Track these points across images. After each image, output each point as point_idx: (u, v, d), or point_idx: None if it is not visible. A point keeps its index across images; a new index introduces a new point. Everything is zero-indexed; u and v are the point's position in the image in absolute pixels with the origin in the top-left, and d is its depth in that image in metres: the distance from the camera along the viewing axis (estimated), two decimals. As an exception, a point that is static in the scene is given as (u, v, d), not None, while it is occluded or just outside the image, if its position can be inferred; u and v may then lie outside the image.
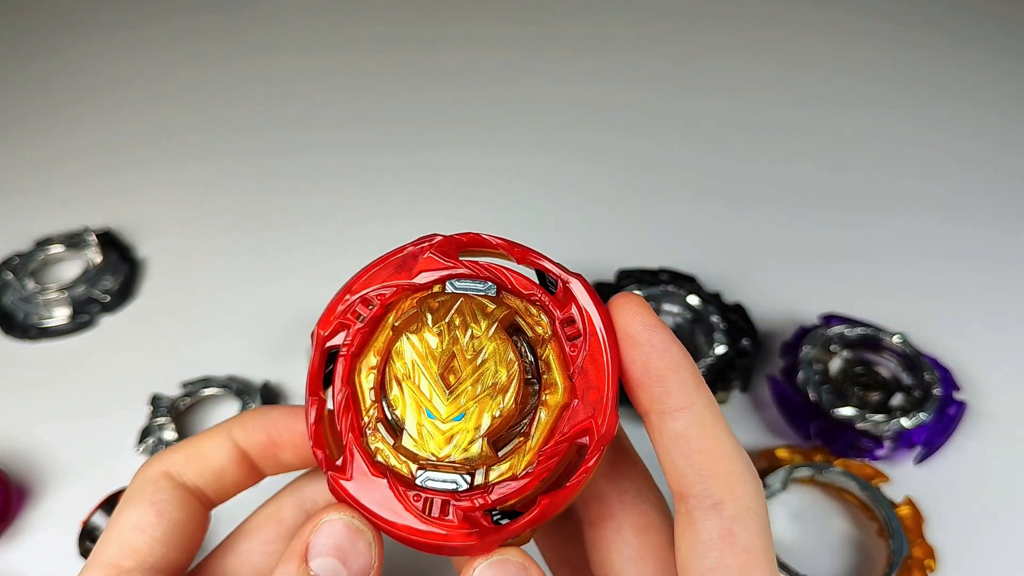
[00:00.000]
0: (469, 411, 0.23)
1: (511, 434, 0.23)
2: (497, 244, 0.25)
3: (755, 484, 0.22)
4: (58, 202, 0.67)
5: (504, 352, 0.23)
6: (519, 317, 0.24)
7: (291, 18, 0.90)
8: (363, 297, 0.25)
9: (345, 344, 0.25)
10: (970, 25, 0.86)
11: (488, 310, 0.23)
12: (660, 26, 0.87)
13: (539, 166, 0.69)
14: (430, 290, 0.25)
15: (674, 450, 0.22)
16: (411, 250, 0.25)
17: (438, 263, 0.25)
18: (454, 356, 0.23)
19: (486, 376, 0.23)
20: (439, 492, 0.23)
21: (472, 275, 0.25)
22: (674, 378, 0.22)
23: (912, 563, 0.41)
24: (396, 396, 0.23)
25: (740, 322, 0.52)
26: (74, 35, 0.88)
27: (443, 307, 0.24)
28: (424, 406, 0.23)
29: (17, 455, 0.49)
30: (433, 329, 0.23)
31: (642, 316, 0.23)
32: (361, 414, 0.24)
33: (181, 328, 0.57)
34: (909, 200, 0.66)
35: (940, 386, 0.48)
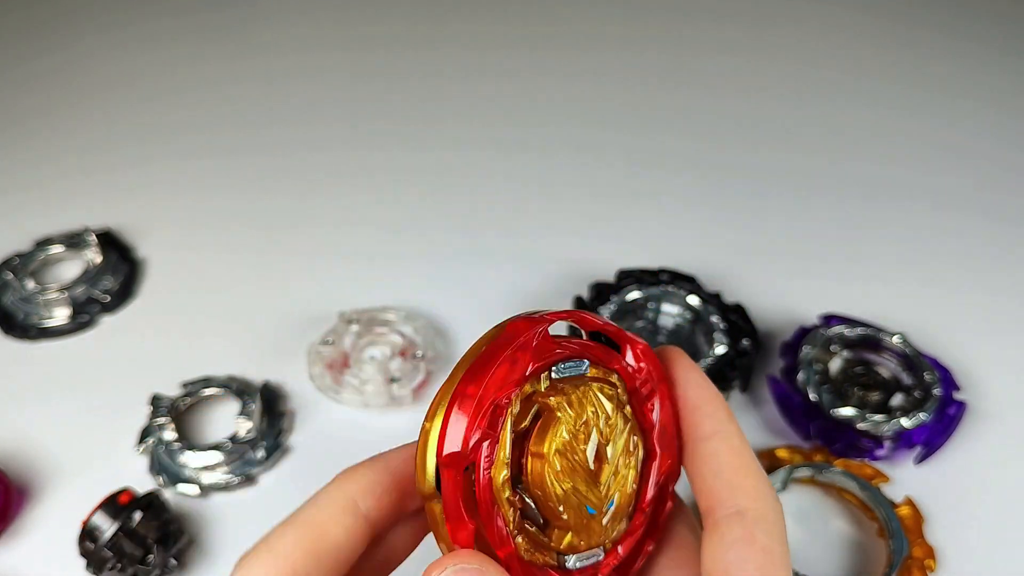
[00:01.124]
0: (615, 496, 0.24)
1: None
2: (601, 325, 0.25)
3: (773, 500, 0.24)
4: (58, 202, 0.67)
5: (630, 433, 0.25)
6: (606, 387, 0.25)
7: (291, 17, 0.90)
8: (496, 403, 0.22)
9: (485, 459, 0.22)
10: (971, 24, 0.86)
11: (608, 393, 0.24)
12: (660, 26, 0.87)
13: (539, 166, 0.69)
14: (537, 379, 0.24)
15: (705, 468, 0.25)
16: (503, 339, 0.23)
17: (543, 350, 0.23)
18: (597, 451, 0.24)
19: (622, 459, 0.24)
20: (586, 569, 0.24)
21: (567, 356, 0.24)
22: (710, 407, 0.26)
23: (912, 563, 0.41)
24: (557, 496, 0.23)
25: (740, 322, 0.52)
26: (74, 34, 0.88)
27: (575, 401, 0.23)
28: (583, 504, 0.24)
29: (17, 455, 0.49)
30: (575, 427, 0.23)
31: (683, 359, 0.27)
32: (508, 522, 0.23)
33: (181, 328, 0.57)
34: (909, 200, 0.66)
35: (940, 386, 0.48)
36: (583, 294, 0.55)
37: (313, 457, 0.49)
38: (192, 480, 0.47)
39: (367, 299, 0.56)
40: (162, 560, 0.42)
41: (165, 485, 0.47)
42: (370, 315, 0.54)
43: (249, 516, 0.46)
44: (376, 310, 0.54)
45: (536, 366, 0.23)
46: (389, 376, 0.50)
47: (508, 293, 0.58)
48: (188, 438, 0.49)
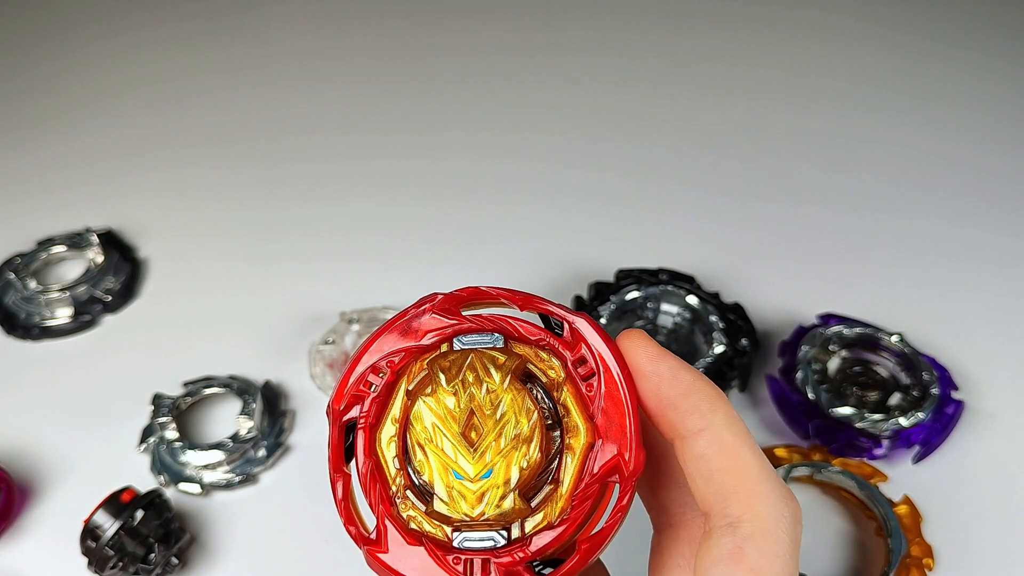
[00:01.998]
0: (496, 466, 0.23)
1: (540, 483, 0.23)
2: (498, 294, 0.25)
3: (782, 507, 0.22)
4: (60, 202, 0.67)
5: (522, 402, 0.23)
6: (531, 364, 0.24)
7: (294, 25, 0.91)
8: (373, 366, 0.25)
9: (362, 416, 0.24)
10: (967, 29, 0.86)
11: (500, 362, 0.23)
12: (660, 30, 0.87)
13: (539, 167, 0.69)
14: (438, 350, 0.25)
15: (696, 472, 0.22)
16: (413, 312, 0.25)
17: (442, 322, 0.25)
18: (473, 413, 0.23)
19: (508, 428, 0.23)
20: (478, 551, 0.23)
21: (477, 328, 0.25)
22: (687, 403, 0.22)
23: (910, 561, 0.42)
24: (421, 461, 0.23)
25: (739, 322, 0.52)
26: (78, 40, 0.88)
27: (454, 365, 0.24)
28: (451, 467, 0.23)
29: (19, 454, 0.49)
30: (448, 389, 0.23)
31: (646, 348, 0.23)
32: (388, 484, 0.24)
33: (183, 328, 0.57)
34: (907, 201, 0.66)
35: (938, 385, 0.49)
36: (583, 294, 0.55)
37: (314, 456, 0.49)
38: (194, 479, 0.47)
39: (368, 299, 0.56)
40: (164, 559, 0.42)
41: (167, 484, 0.47)
42: (371, 314, 0.54)
43: (250, 515, 0.46)
44: (377, 309, 0.54)
45: (436, 337, 0.24)
46: (389, 375, 0.50)
47: (508, 293, 0.58)
48: (189, 437, 0.50)
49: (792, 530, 0.22)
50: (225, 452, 0.48)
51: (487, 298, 0.25)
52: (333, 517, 0.45)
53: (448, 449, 0.23)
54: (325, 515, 0.46)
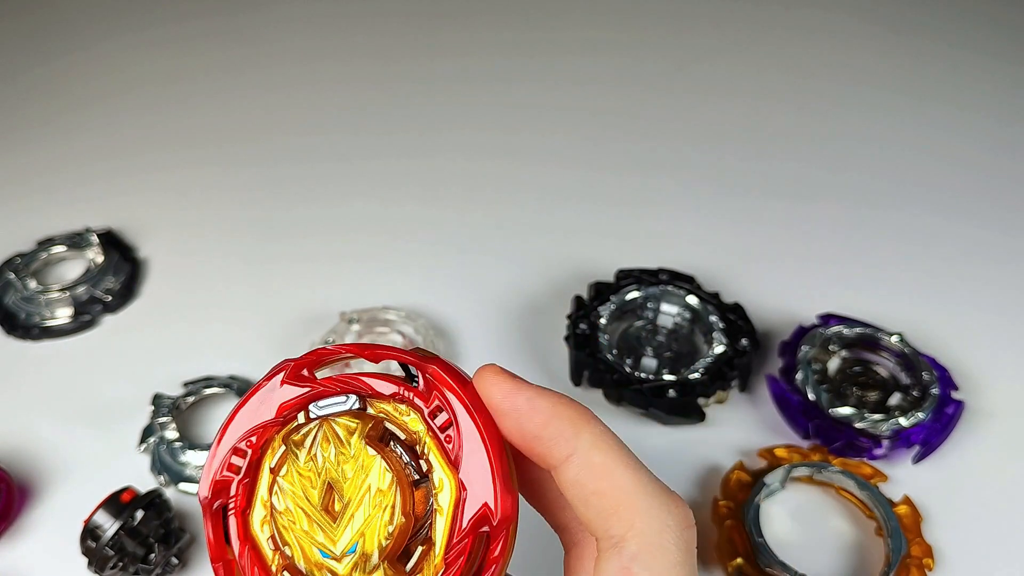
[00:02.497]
0: (363, 538, 0.22)
1: (413, 546, 0.22)
2: (347, 350, 0.24)
3: (665, 517, 0.21)
4: (60, 202, 0.67)
5: (380, 466, 0.22)
6: (388, 422, 0.23)
7: (294, 26, 0.91)
8: (234, 448, 0.24)
9: (231, 500, 0.23)
10: (966, 29, 0.86)
11: (352, 427, 0.22)
12: (659, 31, 0.87)
13: (539, 167, 0.70)
14: (295, 421, 0.24)
15: (574, 499, 0.22)
16: (265, 384, 0.24)
17: (295, 391, 0.24)
18: (331, 486, 0.22)
19: (368, 497, 0.22)
20: None
21: (332, 392, 0.24)
22: (549, 432, 0.22)
23: (910, 561, 0.42)
24: (288, 543, 0.22)
25: (739, 322, 0.52)
26: (78, 40, 0.88)
27: (307, 437, 0.23)
28: (315, 546, 0.22)
29: (19, 454, 0.49)
30: (304, 466, 0.22)
31: (500, 384, 0.22)
32: (268, 566, 0.23)
33: (183, 328, 0.57)
34: (907, 201, 0.66)
35: (938, 385, 0.49)
36: (583, 294, 0.55)
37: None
38: (194, 479, 0.47)
39: (368, 299, 0.56)
40: (164, 559, 0.42)
41: (167, 484, 0.47)
42: (371, 314, 0.54)
43: (250, 515, 0.46)
44: (377, 310, 0.54)
45: (294, 404, 0.24)
46: (389, 375, 0.50)
47: (508, 293, 0.58)
48: (190, 437, 0.50)
49: (680, 537, 0.21)
50: (225, 452, 0.47)
51: (336, 356, 0.24)
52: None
53: (308, 527, 0.22)
54: None
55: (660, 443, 0.49)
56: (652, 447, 0.49)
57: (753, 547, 0.42)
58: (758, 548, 0.42)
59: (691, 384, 0.49)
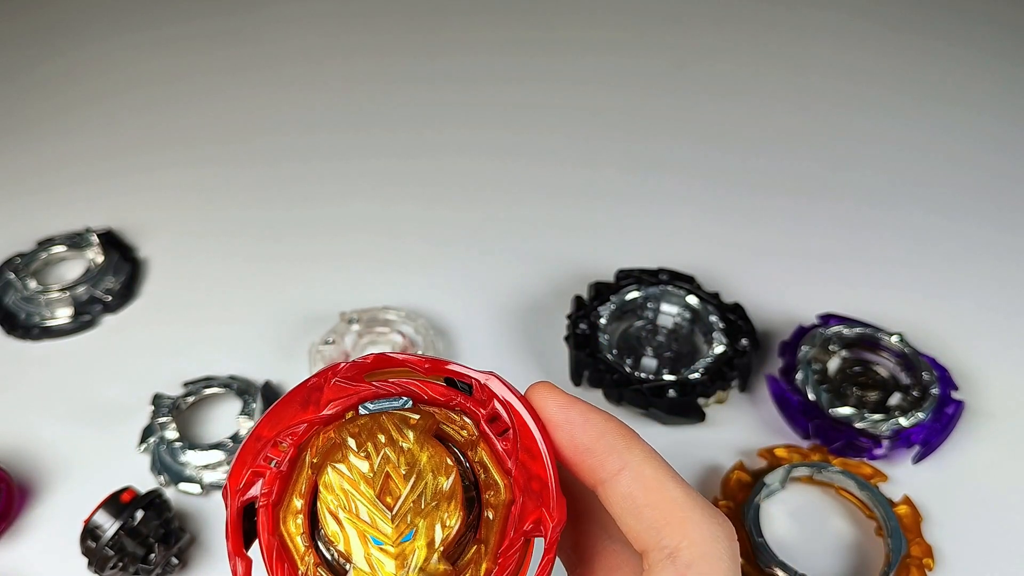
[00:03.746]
0: (418, 527, 0.22)
1: (463, 544, 0.23)
2: (404, 360, 0.25)
3: (716, 529, 0.22)
4: (60, 202, 0.67)
5: (440, 459, 0.22)
6: (443, 425, 0.24)
7: (293, 26, 0.91)
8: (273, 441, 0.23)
9: (263, 494, 0.23)
10: (966, 29, 0.86)
11: (412, 421, 0.23)
12: (659, 30, 0.87)
13: (539, 167, 0.70)
14: (343, 418, 0.24)
15: (624, 512, 0.22)
16: (314, 382, 0.24)
17: (346, 389, 0.24)
18: (388, 475, 0.22)
19: (427, 487, 0.22)
20: None
21: (384, 393, 0.24)
22: (602, 445, 0.23)
23: (910, 561, 0.42)
24: (335, 531, 0.22)
25: (739, 322, 0.52)
26: (78, 40, 0.88)
27: (364, 429, 0.23)
28: (368, 533, 0.22)
29: (19, 454, 0.49)
30: (359, 453, 0.22)
31: (555, 398, 0.23)
32: (296, 564, 0.22)
33: (183, 328, 0.57)
34: (908, 201, 0.66)
35: (938, 385, 0.49)
36: (583, 294, 0.55)
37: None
38: (194, 479, 0.47)
39: (368, 299, 0.56)
40: (164, 559, 0.42)
41: (167, 484, 0.47)
42: (371, 314, 0.54)
43: (250, 515, 0.46)
44: (377, 309, 0.54)
45: (340, 406, 0.24)
46: (389, 375, 0.50)
47: (508, 293, 0.58)
48: (189, 437, 0.50)
49: (730, 548, 0.21)
50: (225, 452, 0.48)
51: (392, 364, 0.25)
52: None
53: (364, 515, 0.22)
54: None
55: (660, 443, 0.48)
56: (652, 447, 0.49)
57: (753, 547, 0.42)
58: (758, 548, 0.42)
59: (691, 384, 0.49)
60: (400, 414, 0.23)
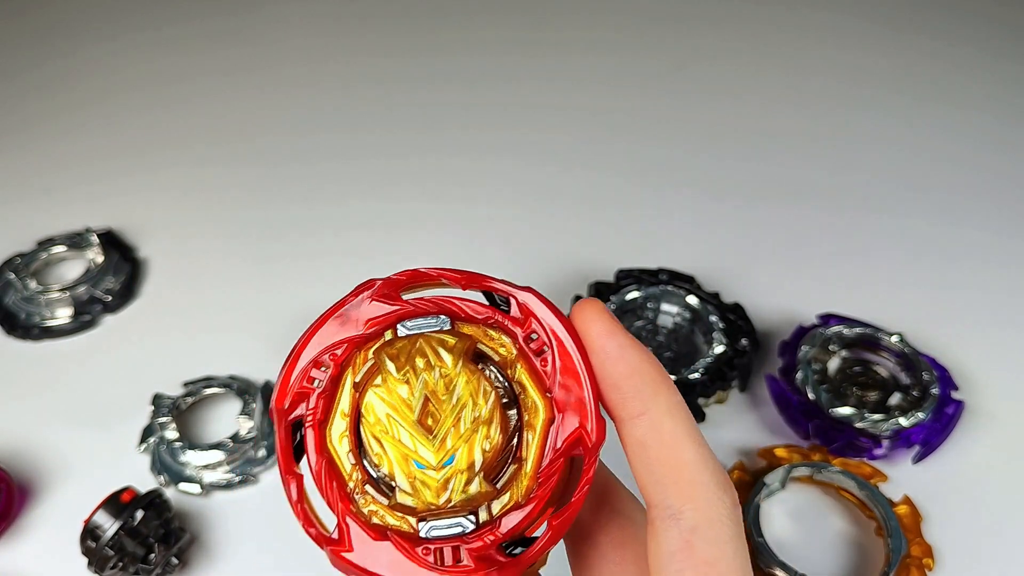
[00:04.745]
0: (458, 451, 0.22)
1: (503, 463, 0.23)
2: (439, 275, 0.25)
3: (721, 493, 0.21)
4: (60, 202, 0.67)
5: (478, 382, 0.22)
6: (481, 344, 0.24)
7: (293, 26, 0.91)
8: (315, 360, 0.24)
9: (309, 413, 0.23)
10: (966, 30, 0.86)
11: (450, 344, 0.23)
12: (659, 31, 0.87)
13: (539, 167, 0.70)
14: (382, 338, 0.24)
15: (635, 459, 0.22)
16: (351, 300, 0.24)
17: (383, 308, 0.24)
18: (428, 399, 0.22)
19: (466, 411, 0.22)
20: (447, 539, 0.22)
21: (421, 312, 0.24)
22: (629, 384, 0.22)
23: (910, 561, 0.42)
24: (379, 454, 0.22)
25: (739, 321, 0.52)
26: (79, 40, 0.88)
27: (402, 352, 0.23)
28: (411, 457, 0.22)
29: (19, 454, 0.49)
30: (399, 376, 0.23)
31: (597, 323, 0.23)
32: (344, 481, 0.23)
33: (183, 328, 0.57)
34: (907, 201, 0.66)
35: (938, 385, 0.49)
36: (583, 294, 0.55)
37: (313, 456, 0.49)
38: (194, 479, 0.47)
39: (368, 299, 0.56)
40: (164, 559, 0.42)
41: (167, 484, 0.47)
42: (370, 315, 0.54)
43: (250, 515, 0.46)
44: (376, 310, 0.54)
45: (378, 324, 0.24)
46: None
47: (508, 293, 0.58)
48: (189, 437, 0.50)
49: (733, 514, 0.21)
50: (225, 452, 0.48)
51: (428, 280, 0.25)
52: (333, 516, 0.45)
53: (405, 439, 0.22)
54: (324, 515, 0.46)
55: (660, 443, 0.49)
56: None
57: (753, 547, 0.42)
58: (758, 548, 0.42)
59: (691, 384, 0.49)
60: (438, 336, 0.23)
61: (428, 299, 0.24)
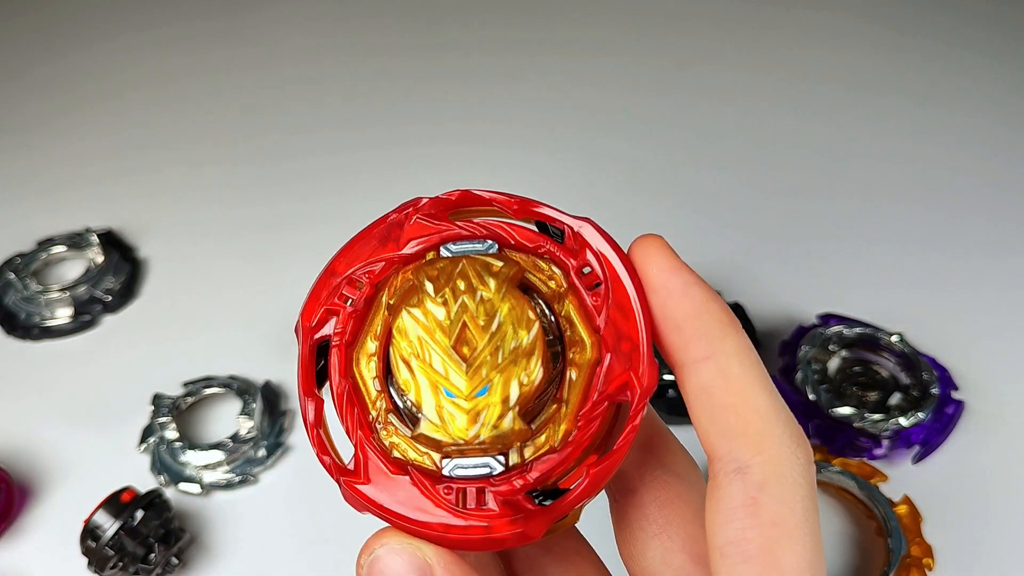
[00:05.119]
0: (493, 382, 0.20)
1: (541, 402, 0.21)
2: (491, 199, 0.23)
3: (795, 447, 0.19)
4: (60, 202, 0.67)
5: (521, 311, 0.20)
6: (529, 273, 0.22)
7: (293, 26, 0.90)
8: (349, 278, 0.22)
9: (336, 333, 0.21)
10: (969, 30, 0.86)
11: (495, 269, 0.21)
12: (660, 31, 0.87)
13: (538, 166, 0.69)
14: (423, 259, 0.22)
15: (698, 406, 0.20)
16: (395, 217, 0.23)
17: (427, 228, 0.22)
18: (465, 325, 0.20)
19: (505, 341, 0.20)
20: (472, 480, 0.20)
21: (468, 235, 0.22)
22: (694, 325, 0.20)
23: (910, 562, 0.42)
24: (407, 379, 0.20)
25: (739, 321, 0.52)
26: (78, 40, 0.88)
27: (443, 273, 0.21)
28: (441, 385, 0.20)
29: (19, 454, 0.49)
30: (436, 298, 0.20)
31: (659, 259, 0.21)
32: (367, 408, 0.21)
33: (183, 328, 0.57)
34: (908, 201, 0.66)
35: (938, 386, 0.49)
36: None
37: (314, 456, 0.49)
38: (194, 479, 0.47)
39: (367, 299, 0.56)
40: (164, 559, 0.42)
41: (167, 484, 0.47)
42: (370, 315, 0.54)
43: (250, 515, 0.46)
44: (376, 310, 0.54)
45: (421, 245, 0.22)
46: (389, 375, 0.50)
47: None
48: (189, 437, 0.50)
49: (807, 471, 0.19)
50: (225, 452, 0.48)
51: (479, 204, 0.23)
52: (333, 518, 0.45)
53: (437, 364, 0.20)
54: (325, 515, 0.46)
55: (660, 443, 0.49)
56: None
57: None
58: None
59: (691, 384, 0.49)
60: (483, 259, 0.21)
61: (477, 222, 0.22)
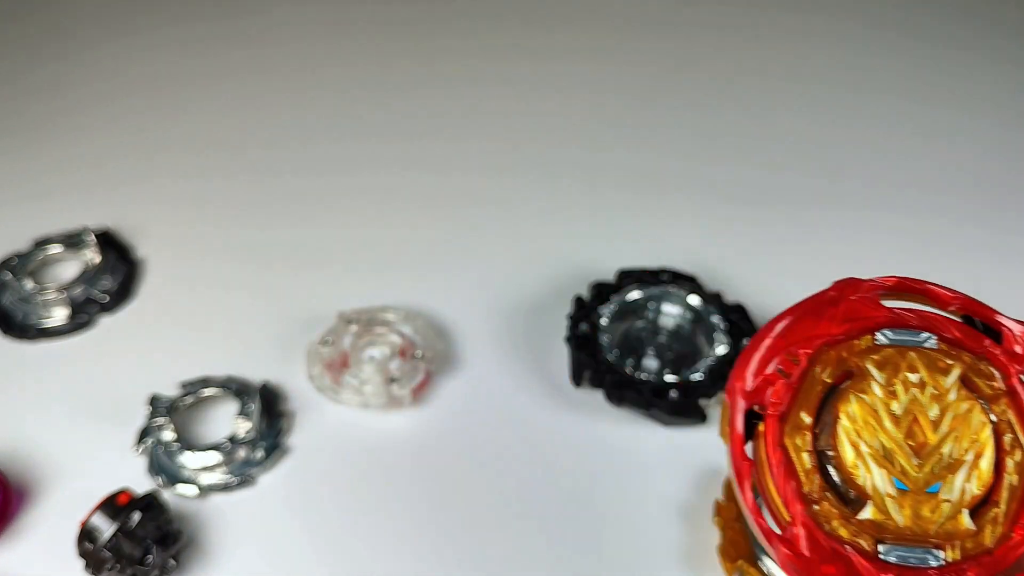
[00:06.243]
0: (944, 480, 0.20)
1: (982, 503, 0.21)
2: (930, 291, 0.23)
3: None
4: (57, 202, 0.67)
5: (975, 412, 0.21)
6: (970, 373, 0.22)
7: (295, 31, 0.90)
8: (783, 349, 0.23)
9: (772, 403, 0.22)
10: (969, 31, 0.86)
11: (943, 364, 0.21)
12: (660, 34, 0.87)
13: (539, 167, 0.69)
14: (857, 342, 0.22)
15: None
16: (832, 296, 0.23)
17: (863, 310, 0.23)
18: (916, 419, 0.21)
19: (960, 440, 0.20)
20: (909, 568, 0.20)
21: (904, 323, 0.22)
22: None
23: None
24: (854, 462, 0.21)
25: (741, 322, 0.52)
26: (78, 43, 0.88)
27: (890, 362, 0.21)
28: (891, 474, 0.20)
29: (16, 455, 0.49)
30: (886, 387, 0.21)
31: None
32: (801, 481, 0.21)
33: (180, 328, 0.56)
34: (909, 202, 0.66)
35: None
36: (583, 294, 0.55)
37: (312, 457, 0.49)
38: (191, 481, 0.47)
39: (366, 299, 0.56)
40: (161, 560, 0.42)
41: (164, 486, 0.47)
42: (369, 315, 0.54)
43: (248, 517, 0.46)
44: (376, 310, 0.54)
45: (856, 326, 0.22)
46: (388, 376, 0.50)
47: (508, 293, 0.57)
48: (187, 438, 0.49)
49: None
50: (223, 454, 0.47)
51: (916, 291, 0.23)
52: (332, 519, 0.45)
53: (888, 453, 0.21)
54: (324, 518, 0.45)
55: (661, 444, 0.49)
56: (653, 448, 0.49)
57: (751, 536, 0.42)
58: (761, 550, 0.41)
59: (693, 385, 0.49)
60: (929, 354, 0.21)
61: (912, 311, 0.23)
